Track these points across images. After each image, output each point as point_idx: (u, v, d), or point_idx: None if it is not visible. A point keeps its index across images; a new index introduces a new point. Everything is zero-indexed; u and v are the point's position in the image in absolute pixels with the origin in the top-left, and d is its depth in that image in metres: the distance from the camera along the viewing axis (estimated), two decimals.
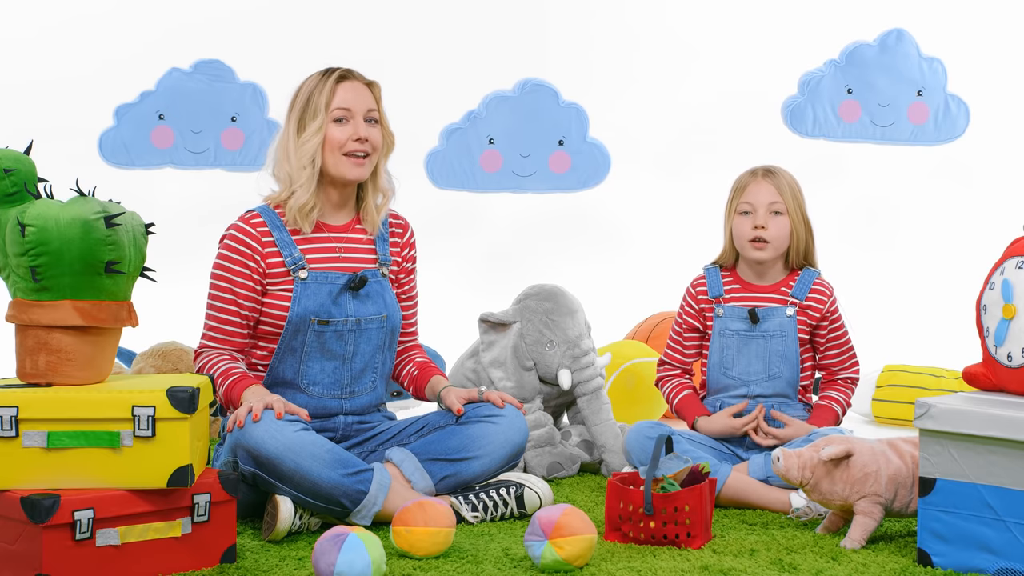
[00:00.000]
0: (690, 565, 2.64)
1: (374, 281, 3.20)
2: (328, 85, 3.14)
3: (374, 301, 3.19)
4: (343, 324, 3.13)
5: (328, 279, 3.14)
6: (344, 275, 3.15)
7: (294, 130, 3.15)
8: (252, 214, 3.15)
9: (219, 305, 3.12)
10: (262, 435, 2.87)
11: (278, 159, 3.18)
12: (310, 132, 3.12)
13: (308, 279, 3.11)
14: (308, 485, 2.88)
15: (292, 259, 3.12)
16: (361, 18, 5.87)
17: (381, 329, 3.19)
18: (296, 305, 3.10)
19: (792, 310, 3.37)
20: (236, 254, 3.12)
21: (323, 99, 3.13)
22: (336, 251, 3.18)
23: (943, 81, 4.97)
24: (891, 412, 4.49)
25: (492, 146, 4.89)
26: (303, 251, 3.13)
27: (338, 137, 3.13)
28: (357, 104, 3.15)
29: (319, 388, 3.15)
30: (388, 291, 3.23)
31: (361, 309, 3.17)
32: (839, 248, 4.54)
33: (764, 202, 3.34)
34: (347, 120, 3.14)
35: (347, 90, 3.15)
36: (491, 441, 3.14)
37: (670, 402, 3.47)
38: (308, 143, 3.12)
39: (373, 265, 3.22)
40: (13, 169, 2.54)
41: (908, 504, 2.84)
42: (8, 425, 2.48)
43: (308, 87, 3.17)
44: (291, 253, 3.12)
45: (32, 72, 5.70)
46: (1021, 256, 2.66)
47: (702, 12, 6.01)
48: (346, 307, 3.15)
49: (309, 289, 3.11)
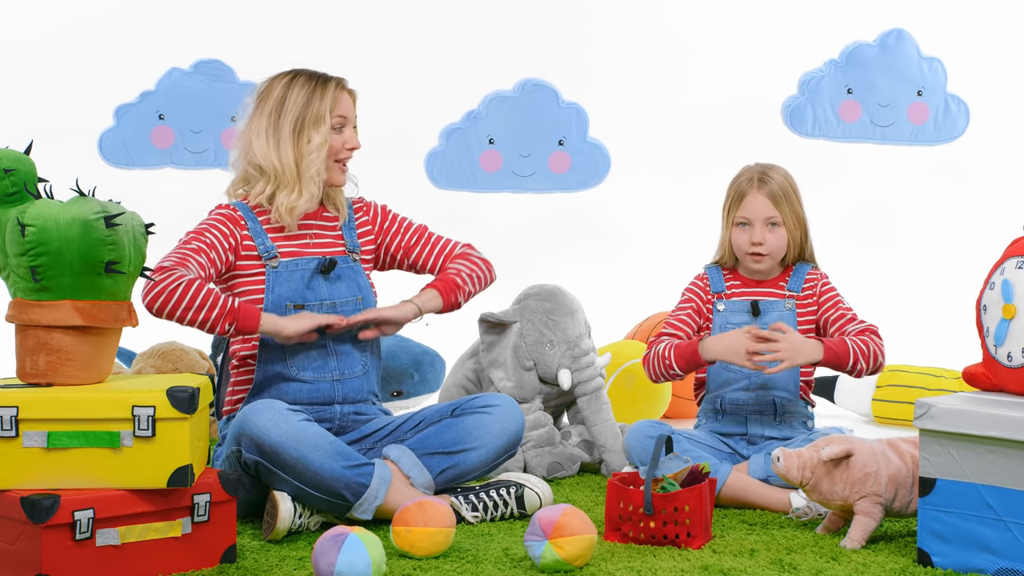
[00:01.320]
0: (690, 565, 2.64)
1: (345, 265, 3.23)
2: (331, 92, 3.19)
3: (347, 284, 3.23)
4: (318, 307, 3.17)
5: (299, 265, 3.18)
6: (314, 259, 3.20)
7: (290, 130, 3.17)
8: (229, 205, 3.21)
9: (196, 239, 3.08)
10: (265, 423, 2.89)
11: (261, 151, 3.18)
12: (317, 141, 3.16)
13: (279, 267, 3.15)
14: (310, 476, 2.88)
15: (264, 247, 3.16)
16: (361, 18, 5.87)
17: (358, 311, 3.21)
18: (270, 292, 3.14)
19: (791, 304, 3.38)
20: (218, 220, 3.15)
21: (326, 106, 3.17)
22: (307, 238, 3.23)
23: (943, 81, 4.97)
24: (891, 412, 4.49)
25: (492, 146, 4.89)
26: (273, 239, 3.18)
27: (336, 145, 3.21)
28: (351, 113, 3.25)
29: (309, 373, 3.16)
30: (360, 275, 3.27)
31: (335, 292, 3.20)
32: (839, 248, 4.53)
33: (761, 216, 3.34)
34: (342, 128, 3.22)
35: (346, 99, 3.23)
36: (487, 431, 3.15)
37: (665, 356, 3.30)
38: (318, 152, 3.16)
39: (342, 251, 3.26)
40: (13, 169, 2.54)
41: (908, 504, 2.84)
42: (8, 425, 2.48)
43: (304, 91, 3.18)
44: (263, 242, 3.17)
45: (32, 72, 5.70)
46: (1021, 256, 2.66)
47: (702, 12, 6.00)
48: (319, 291, 3.19)
49: (281, 276, 3.15)
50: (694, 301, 3.44)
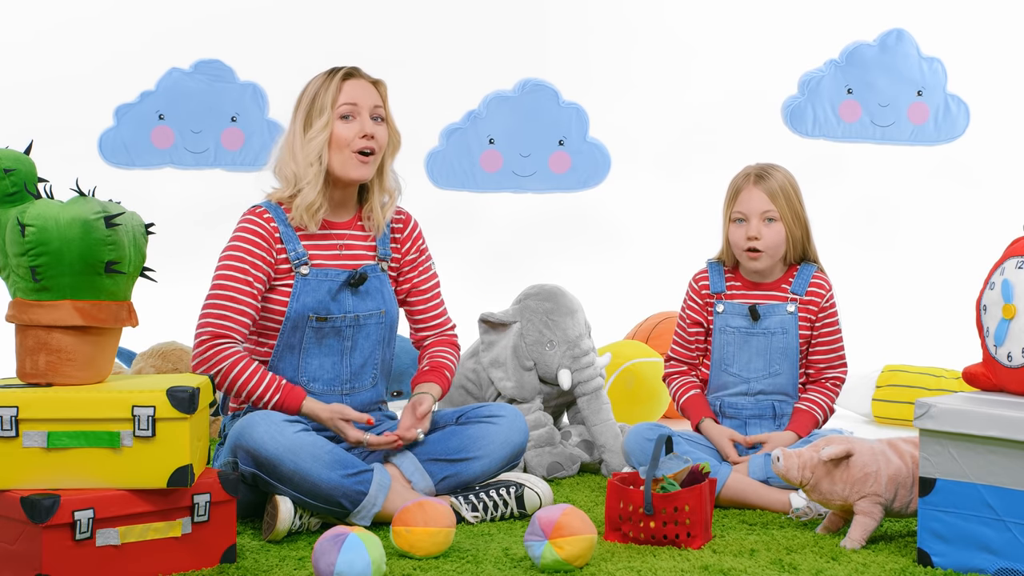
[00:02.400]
0: (690, 565, 2.64)
1: (373, 276, 3.19)
2: (334, 83, 3.12)
3: (372, 297, 3.18)
4: (341, 320, 3.13)
5: (328, 276, 3.13)
6: (344, 272, 3.14)
7: (300, 128, 3.13)
8: (260, 209, 3.13)
9: (234, 285, 3.04)
10: (262, 436, 2.87)
11: (282, 158, 3.16)
12: (316, 129, 3.09)
13: (309, 275, 3.11)
14: (308, 486, 2.88)
15: (296, 254, 3.10)
16: (361, 18, 5.87)
17: (380, 325, 3.19)
18: (295, 301, 3.09)
19: (793, 306, 3.37)
20: (253, 241, 3.07)
21: (329, 96, 3.11)
22: (337, 248, 3.18)
23: (943, 81, 4.97)
24: (891, 412, 4.49)
25: (492, 146, 4.89)
26: (306, 247, 3.13)
27: (344, 134, 3.11)
28: (363, 100, 3.13)
29: (319, 384, 3.14)
30: (387, 286, 3.23)
31: (360, 305, 3.16)
32: (839, 248, 4.53)
33: (757, 211, 3.33)
34: (353, 117, 3.12)
35: (353, 87, 3.13)
36: (491, 441, 3.14)
37: (676, 400, 3.46)
38: (315, 140, 3.09)
39: (372, 260, 3.21)
40: (13, 169, 2.54)
41: (908, 504, 2.84)
42: (8, 425, 2.48)
43: (314, 86, 3.15)
44: (295, 248, 3.11)
45: (32, 72, 5.70)
46: (1021, 256, 2.66)
47: (702, 12, 6.00)
48: (344, 303, 3.14)
49: (309, 286, 3.11)
50: (690, 316, 3.45)
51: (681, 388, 3.45)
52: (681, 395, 3.44)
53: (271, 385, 3.02)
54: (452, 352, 3.33)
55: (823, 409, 3.36)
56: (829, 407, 3.38)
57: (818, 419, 3.35)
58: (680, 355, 3.48)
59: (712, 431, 3.34)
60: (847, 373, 3.43)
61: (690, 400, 3.42)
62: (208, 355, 3.02)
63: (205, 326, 3.03)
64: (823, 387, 3.39)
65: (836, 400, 3.41)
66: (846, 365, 3.42)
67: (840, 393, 3.43)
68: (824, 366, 3.40)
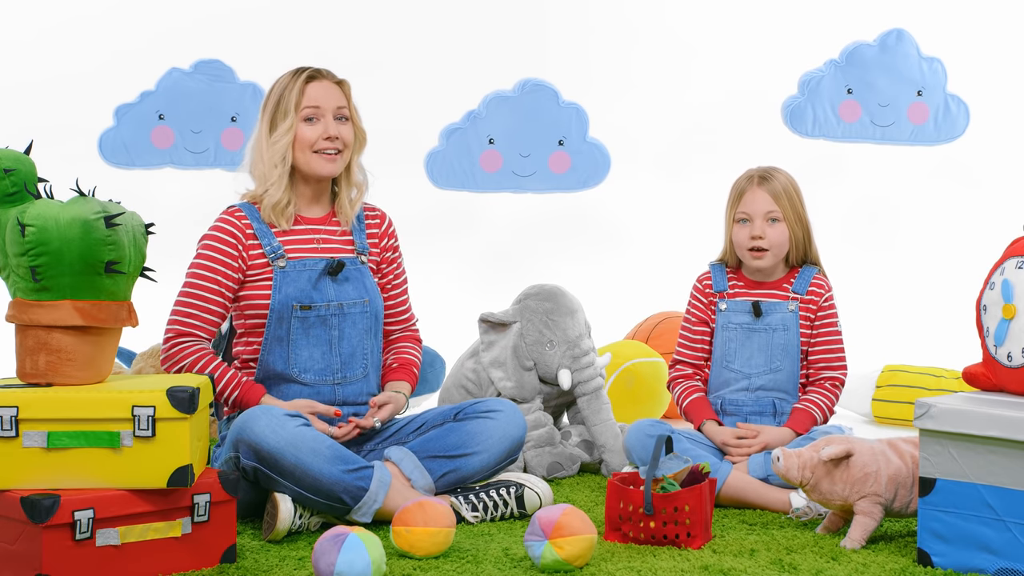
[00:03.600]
0: (690, 565, 2.64)
1: (352, 267, 3.23)
2: (298, 85, 3.19)
3: (354, 286, 3.22)
4: (325, 308, 3.17)
5: (307, 265, 3.18)
6: (322, 260, 3.20)
7: (266, 130, 3.21)
8: (234, 208, 3.22)
9: (202, 284, 3.13)
10: (263, 430, 2.88)
11: (253, 158, 3.24)
12: (281, 131, 3.18)
13: (287, 267, 3.15)
14: (309, 481, 2.88)
15: (271, 248, 3.16)
16: (361, 18, 5.87)
17: (365, 314, 3.22)
18: (277, 292, 3.14)
19: (794, 305, 3.38)
20: (222, 243, 3.16)
21: (293, 99, 3.18)
22: (314, 241, 3.23)
23: (943, 81, 4.97)
24: (891, 412, 4.49)
25: (492, 146, 4.89)
26: (282, 242, 3.18)
27: (308, 136, 3.18)
28: (327, 102, 3.20)
29: (311, 375, 3.16)
30: (368, 277, 3.27)
31: (342, 293, 3.20)
32: (840, 248, 4.54)
33: (760, 211, 3.34)
34: (317, 119, 3.19)
35: (316, 89, 3.20)
36: (489, 437, 3.15)
37: (680, 404, 3.46)
38: (279, 142, 3.17)
39: (351, 253, 3.26)
40: (13, 169, 2.54)
41: (908, 504, 2.84)
42: (8, 425, 2.48)
43: (279, 87, 3.23)
44: (270, 243, 3.17)
45: (32, 72, 5.70)
46: (1021, 256, 2.66)
47: (702, 12, 6.00)
48: (327, 292, 3.19)
49: (289, 276, 3.15)
50: (696, 315, 3.46)
51: (684, 392, 3.45)
52: (684, 399, 3.44)
53: (231, 382, 3.10)
54: (416, 347, 3.42)
55: (822, 409, 3.36)
56: (828, 408, 3.38)
57: (816, 418, 3.35)
58: (686, 356, 3.48)
59: (713, 432, 3.34)
60: (847, 374, 3.43)
61: (693, 403, 3.42)
62: (172, 352, 3.13)
63: (171, 324, 3.15)
64: (822, 387, 3.39)
65: (836, 402, 3.41)
66: (846, 367, 3.42)
67: (840, 394, 3.43)
68: (823, 366, 3.40)
